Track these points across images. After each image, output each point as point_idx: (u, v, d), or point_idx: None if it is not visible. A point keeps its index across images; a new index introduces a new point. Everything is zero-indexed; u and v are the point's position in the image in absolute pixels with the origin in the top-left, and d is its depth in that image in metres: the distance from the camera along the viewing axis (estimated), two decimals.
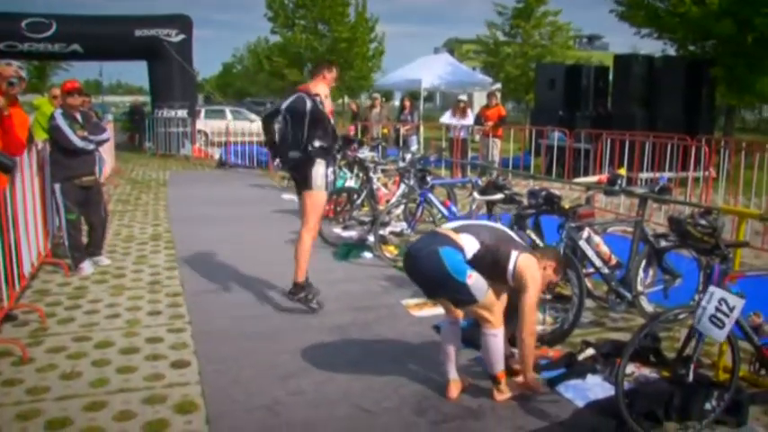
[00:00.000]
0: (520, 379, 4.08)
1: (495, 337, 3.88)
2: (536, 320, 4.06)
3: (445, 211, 7.46)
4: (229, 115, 23.81)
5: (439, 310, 5.53)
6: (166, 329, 5.21)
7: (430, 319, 5.46)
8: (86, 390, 4.11)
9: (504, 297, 3.95)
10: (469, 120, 14.46)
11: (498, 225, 4.35)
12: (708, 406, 3.71)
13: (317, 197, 5.55)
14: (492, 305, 3.83)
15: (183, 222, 9.51)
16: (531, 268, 3.84)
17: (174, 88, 19.43)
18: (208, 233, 8.69)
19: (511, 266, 3.79)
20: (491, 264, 3.79)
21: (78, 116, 6.77)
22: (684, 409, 3.70)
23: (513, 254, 3.82)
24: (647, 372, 4.29)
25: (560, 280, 4.34)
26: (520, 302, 3.86)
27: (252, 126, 18.25)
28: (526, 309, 3.83)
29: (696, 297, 5.24)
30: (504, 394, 3.97)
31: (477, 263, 3.76)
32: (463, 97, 15.10)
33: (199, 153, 19.77)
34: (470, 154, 14.58)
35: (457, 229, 3.96)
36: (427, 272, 3.82)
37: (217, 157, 18.26)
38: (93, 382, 4.22)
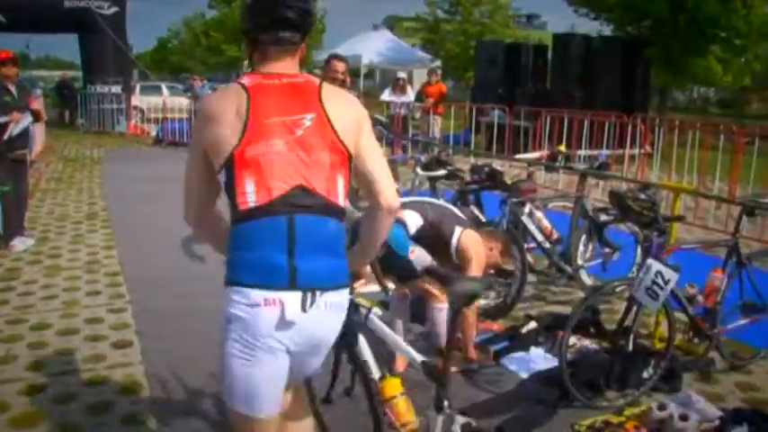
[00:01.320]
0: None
1: (442, 311, 3.90)
2: None
3: None
4: (166, 91, 23.22)
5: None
6: (106, 309, 5.08)
7: (374, 295, 5.45)
8: (23, 374, 3.98)
9: None
10: (409, 97, 14.48)
11: (442, 202, 4.39)
12: (645, 374, 3.86)
13: None
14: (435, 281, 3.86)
15: (120, 201, 9.26)
16: (473, 244, 3.90)
17: (108, 63, 18.77)
18: (146, 212, 8.48)
19: (454, 242, 3.84)
20: (434, 239, 3.84)
21: (12, 88, 6.48)
22: (623, 378, 3.84)
23: (457, 230, 3.87)
24: (588, 343, 4.41)
25: (504, 263, 4.40)
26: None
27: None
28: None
29: (634, 270, 5.42)
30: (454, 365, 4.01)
31: (420, 238, 3.79)
32: (402, 75, 15.07)
33: (135, 130, 19.24)
34: (411, 131, 14.61)
35: (401, 206, 3.94)
36: None
37: (154, 134, 17.79)
38: (30, 365, 4.09)
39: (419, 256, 3.78)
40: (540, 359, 4.23)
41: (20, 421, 3.45)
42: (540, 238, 5.25)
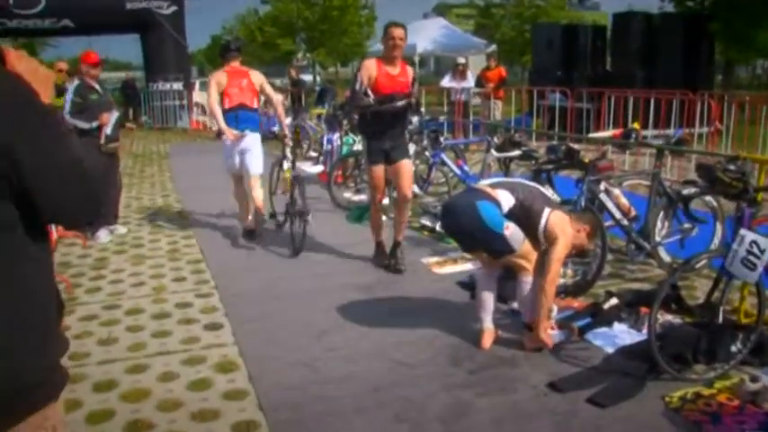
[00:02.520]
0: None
1: (531, 284, 4.00)
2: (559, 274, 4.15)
3: (458, 171, 7.53)
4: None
5: (460, 267, 5.72)
6: (194, 294, 5.29)
7: (453, 275, 5.57)
8: (125, 354, 4.21)
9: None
10: (469, 82, 14.44)
11: (532, 183, 4.45)
12: (734, 348, 3.84)
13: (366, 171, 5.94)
14: (529, 253, 3.96)
15: (192, 192, 9.56)
16: (561, 224, 3.96)
17: (168, 61, 19.30)
18: (218, 202, 8.71)
19: (543, 222, 3.92)
20: (524, 218, 3.94)
21: (97, 86, 6.82)
22: (712, 352, 3.82)
23: (546, 210, 3.96)
24: (671, 318, 4.42)
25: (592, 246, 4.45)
26: (548, 254, 3.96)
27: None
28: (553, 260, 3.92)
29: (715, 243, 5.37)
30: (534, 342, 4.07)
31: (511, 217, 3.89)
32: (462, 60, 15.03)
33: (197, 125, 19.70)
34: (471, 117, 14.59)
35: (493, 185, 4.09)
36: (465, 225, 3.93)
37: (215, 128, 18.15)
38: (131, 346, 4.32)
39: (514, 233, 3.89)
40: (624, 334, 4.25)
41: (128, 397, 3.65)
42: (618, 215, 5.23)
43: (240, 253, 6.37)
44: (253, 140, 6.39)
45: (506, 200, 3.93)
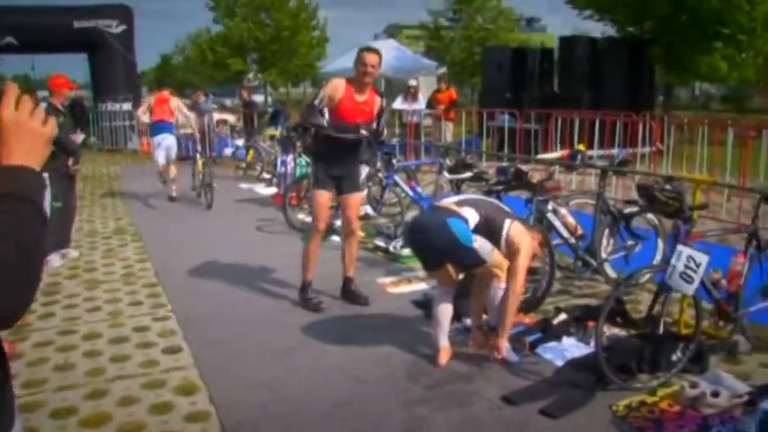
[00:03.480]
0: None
1: (503, 290, 4.19)
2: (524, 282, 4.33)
3: (411, 193, 7.70)
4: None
5: (414, 287, 5.85)
6: (151, 318, 5.30)
7: (407, 295, 5.70)
8: (84, 379, 4.19)
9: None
10: (421, 104, 14.69)
11: (490, 199, 4.65)
12: (675, 357, 4.06)
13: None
14: (501, 262, 4.15)
15: (145, 215, 9.52)
16: (522, 234, 4.19)
17: (118, 81, 19.05)
18: (172, 225, 8.76)
19: (505, 233, 4.14)
20: (488, 232, 4.13)
21: (63, 109, 6.84)
22: (655, 361, 4.04)
23: (507, 222, 4.18)
24: (617, 331, 4.63)
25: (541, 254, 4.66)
26: (511, 265, 4.16)
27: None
28: (517, 270, 4.11)
29: (657, 259, 5.64)
30: (491, 347, 4.22)
31: (477, 232, 4.08)
32: (414, 82, 15.28)
33: (147, 147, 19.45)
34: (423, 138, 14.83)
35: (458, 203, 4.27)
36: (436, 242, 4.08)
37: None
38: (89, 371, 4.31)
39: (482, 245, 4.07)
40: (572, 347, 4.44)
41: (88, 423, 3.65)
42: (565, 233, 5.46)
43: (195, 275, 6.39)
44: (170, 140, 10.41)
45: (472, 216, 4.12)
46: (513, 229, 4.16)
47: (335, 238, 7.60)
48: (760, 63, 19.24)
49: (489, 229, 4.14)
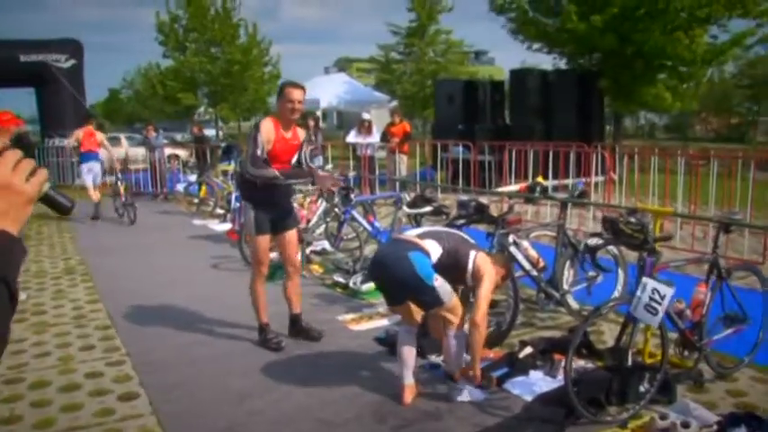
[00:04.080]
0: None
1: (458, 337, 4.12)
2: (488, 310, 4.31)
3: (369, 227, 7.64)
4: (125, 142, 23.09)
5: (376, 323, 5.76)
6: (104, 363, 5.08)
7: (369, 332, 5.60)
8: None
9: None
10: (375, 137, 14.72)
11: (453, 230, 4.60)
12: (642, 388, 4.06)
13: (249, 241, 5.38)
14: (456, 307, 4.09)
15: (96, 254, 9.22)
16: (487, 264, 4.18)
17: (66, 116, 18.60)
18: (124, 263, 8.49)
19: (471, 264, 4.11)
20: (453, 264, 4.09)
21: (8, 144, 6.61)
22: (623, 393, 4.04)
23: (472, 253, 4.17)
24: (582, 363, 4.61)
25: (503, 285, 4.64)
26: (476, 294, 4.14)
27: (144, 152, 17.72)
28: (482, 299, 4.09)
29: (618, 290, 5.68)
30: (463, 392, 4.16)
31: (441, 265, 4.02)
32: (367, 116, 15.31)
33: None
34: (378, 171, 14.84)
35: (420, 236, 4.21)
36: (397, 276, 4.00)
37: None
38: (37, 423, 4.08)
39: (442, 285, 3.99)
40: (540, 381, 4.40)
41: None
42: (527, 266, 5.45)
43: (150, 317, 6.18)
44: (97, 168, 12.43)
45: (434, 250, 4.07)
46: (479, 258, 4.16)
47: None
48: (701, 93, 19.89)
49: (454, 260, 4.11)
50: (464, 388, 4.13)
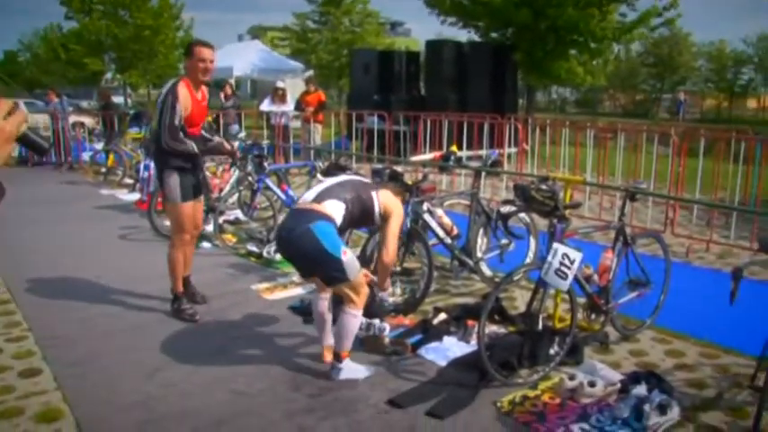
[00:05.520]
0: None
1: (355, 317, 4.00)
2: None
3: (283, 196, 7.54)
4: (23, 107, 21.82)
5: (291, 292, 5.72)
6: (4, 339, 4.81)
7: (283, 300, 5.55)
8: None
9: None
10: (289, 106, 14.50)
11: (346, 177, 4.44)
12: (552, 351, 4.20)
13: (170, 209, 5.14)
14: (360, 286, 3.97)
15: None
16: (391, 199, 4.23)
17: None
18: (27, 235, 8.07)
19: (377, 205, 4.13)
20: (360, 213, 4.08)
21: None
22: (534, 356, 4.17)
23: (374, 193, 4.16)
24: (495, 328, 4.72)
25: None
26: (384, 231, 4.19)
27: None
28: (390, 236, 4.16)
29: (530, 257, 5.82)
30: (342, 372, 4.05)
31: (348, 220, 4.00)
32: (282, 84, 15.04)
33: None
34: (292, 140, 14.64)
35: (317, 199, 4.02)
36: (304, 251, 3.89)
37: (15, 153, 16.69)
38: None
39: (350, 259, 3.89)
40: (454, 347, 4.47)
41: None
42: (441, 234, 5.51)
43: (54, 290, 5.89)
44: None
45: (336, 210, 3.97)
46: (382, 197, 4.19)
47: (206, 245, 7.32)
48: (609, 70, 20.57)
49: (359, 209, 4.08)
50: (344, 367, 4.03)
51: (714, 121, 39.39)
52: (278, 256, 6.49)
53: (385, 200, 4.19)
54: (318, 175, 6.60)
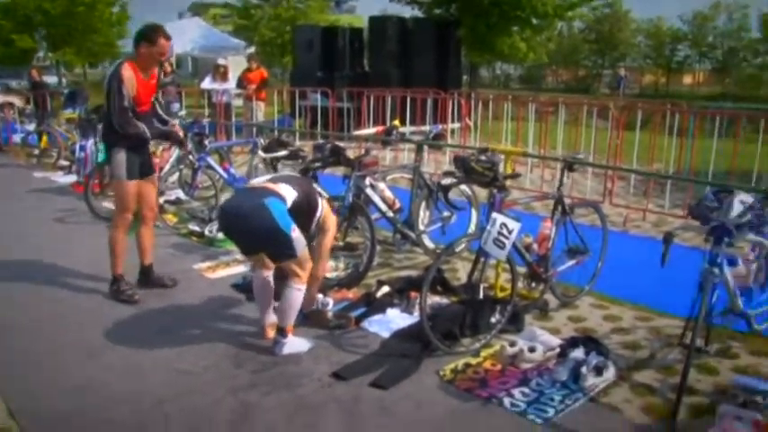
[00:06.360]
0: None
1: (300, 291, 4.03)
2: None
3: (225, 175, 7.43)
4: None
5: (233, 270, 5.66)
6: None
7: (226, 279, 5.49)
8: None
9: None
10: (231, 84, 14.25)
11: (299, 176, 4.57)
12: (493, 319, 4.28)
13: (116, 187, 5.08)
14: (306, 261, 4.01)
15: None
16: (331, 214, 4.25)
17: None
18: None
19: (319, 213, 4.12)
20: (306, 209, 4.03)
21: None
22: (475, 325, 4.24)
23: (320, 201, 4.16)
24: (438, 299, 4.77)
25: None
26: (321, 244, 4.22)
27: None
28: (326, 250, 4.26)
29: (472, 228, 5.89)
30: (285, 346, 4.05)
31: (295, 209, 3.94)
32: (223, 61, 14.73)
33: None
34: (234, 118, 14.40)
35: (273, 180, 4.10)
36: (254, 226, 3.85)
37: None
38: None
39: (298, 236, 3.90)
40: (397, 319, 4.51)
41: None
42: (383, 208, 5.52)
43: None
44: None
45: (289, 193, 3.96)
46: (325, 208, 4.22)
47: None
48: (552, 46, 20.83)
49: (306, 205, 4.07)
50: (287, 341, 4.03)
51: (652, 96, 40.39)
52: (220, 235, 6.40)
53: (327, 213, 4.24)
54: (260, 152, 6.52)
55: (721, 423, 3.28)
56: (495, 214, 3.96)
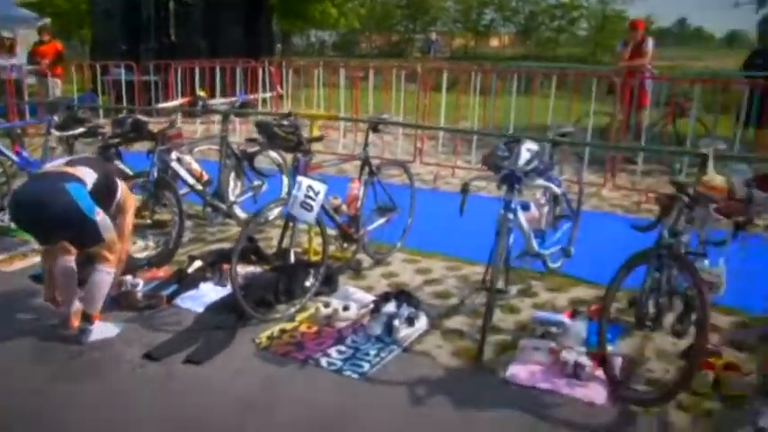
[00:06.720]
0: None
1: (109, 275, 3.87)
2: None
3: (17, 159, 6.81)
4: None
5: (31, 261, 5.24)
6: None
7: (24, 270, 5.08)
8: None
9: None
10: (20, 59, 13.04)
11: (96, 157, 4.46)
12: (308, 283, 4.33)
13: None
14: (114, 244, 3.87)
15: None
16: (130, 194, 4.13)
17: None
18: None
19: (119, 194, 3.98)
20: (106, 191, 3.88)
21: None
22: (290, 290, 4.28)
23: (119, 182, 4.04)
24: (252, 269, 4.74)
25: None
26: (122, 224, 4.06)
27: None
28: (127, 230, 4.13)
29: (283, 194, 5.87)
30: (93, 333, 3.85)
31: (96, 191, 3.77)
32: (8, 33, 13.42)
33: None
34: (27, 97, 13.23)
35: (70, 163, 3.91)
36: (53, 214, 3.61)
37: None
38: None
39: (104, 219, 3.76)
40: (211, 292, 4.43)
41: None
42: (191, 181, 5.36)
43: None
44: None
45: (88, 175, 3.78)
46: (124, 189, 4.10)
47: None
48: (364, 12, 21.11)
49: (105, 186, 3.90)
50: (94, 328, 3.84)
51: (462, 58, 42.17)
52: (14, 224, 5.89)
53: (126, 192, 4.13)
54: (53, 131, 6.05)
55: (522, 355, 3.56)
56: (300, 177, 3.98)
